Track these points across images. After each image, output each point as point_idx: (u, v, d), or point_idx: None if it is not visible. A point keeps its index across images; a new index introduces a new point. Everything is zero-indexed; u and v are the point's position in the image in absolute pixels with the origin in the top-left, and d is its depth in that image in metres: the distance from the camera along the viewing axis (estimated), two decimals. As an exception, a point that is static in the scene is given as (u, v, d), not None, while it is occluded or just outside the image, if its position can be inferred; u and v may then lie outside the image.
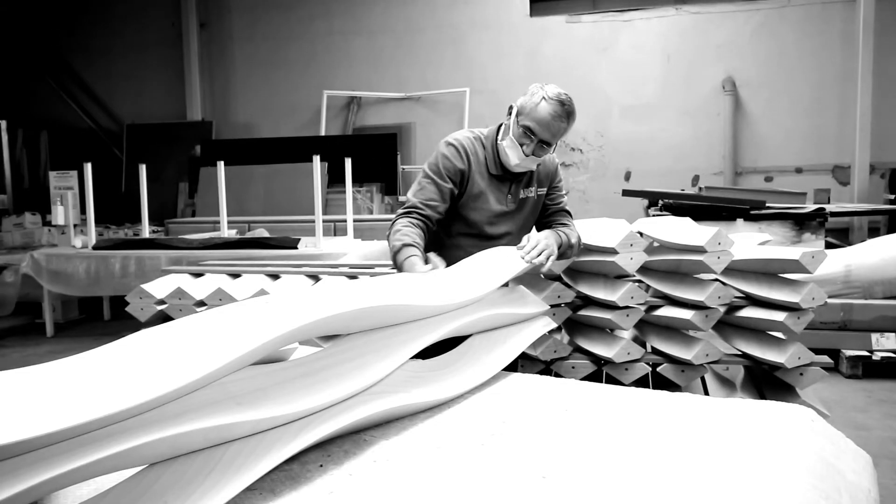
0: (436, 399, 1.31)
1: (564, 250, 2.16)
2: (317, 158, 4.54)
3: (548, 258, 1.96)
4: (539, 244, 1.97)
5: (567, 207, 2.33)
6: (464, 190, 2.09)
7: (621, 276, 2.60)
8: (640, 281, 2.63)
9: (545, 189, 2.26)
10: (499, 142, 2.09)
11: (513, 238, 2.15)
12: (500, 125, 2.14)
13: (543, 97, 1.98)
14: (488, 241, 2.11)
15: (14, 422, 0.72)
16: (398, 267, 1.86)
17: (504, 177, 2.13)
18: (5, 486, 0.71)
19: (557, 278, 2.60)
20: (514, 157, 2.04)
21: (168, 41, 9.39)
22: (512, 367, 1.68)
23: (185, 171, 8.50)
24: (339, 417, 1.09)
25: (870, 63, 7.22)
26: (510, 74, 8.21)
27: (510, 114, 2.07)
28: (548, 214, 2.29)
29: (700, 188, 6.73)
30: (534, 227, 2.31)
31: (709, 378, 2.86)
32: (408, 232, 1.93)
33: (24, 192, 9.00)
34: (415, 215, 2.01)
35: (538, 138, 2.00)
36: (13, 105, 9.70)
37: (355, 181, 6.18)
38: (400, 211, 2.06)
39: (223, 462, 0.92)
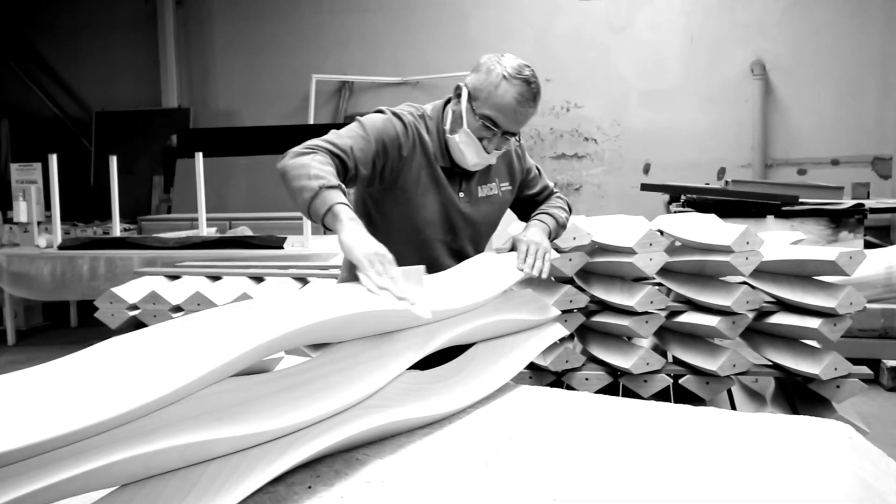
0: (435, 414, 1.31)
1: (556, 233, 1.99)
2: (305, 149, 4.53)
3: (547, 261, 1.80)
4: (538, 249, 1.78)
5: (554, 188, 2.10)
6: (394, 177, 1.75)
7: (640, 279, 2.60)
8: (660, 284, 2.63)
9: (513, 185, 1.96)
10: (448, 135, 1.78)
11: (458, 248, 1.87)
12: (445, 104, 1.84)
13: (503, 76, 1.69)
14: (424, 248, 1.81)
15: (-29, 439, 0.72)
16: (327, 210, 1.48)
17: (453, 170, 1.82)
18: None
19: (569, 281, 2.60)
20: (472, 155, 1.75)
21: (141, 20, 9.40)
22: (520, 379, 1.67)
23: (159, 163, 8.50)
24: (329, 434, 1.09)
25: (913, 44, 7.22)
26: (517, 56, 8.20)
27: (458, 96, 1.76)
28: (536, 207, 2.05)
29: (726, 182, 6.72)
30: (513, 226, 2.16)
31: (736, 391, 2.86)
32: (327, 171, 1.53)
33: (-17, 186, 9.02)
34: (342, 164, 1.62)
35: (502, 130, 1.72)
36: (-29, 91, 9.72)
37: (347, 174, 6.16)
38: (318, 142, 1.64)
39: (201, 483, 0.92)
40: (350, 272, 1.57)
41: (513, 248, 1.86)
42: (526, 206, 2.05)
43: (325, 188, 1.49)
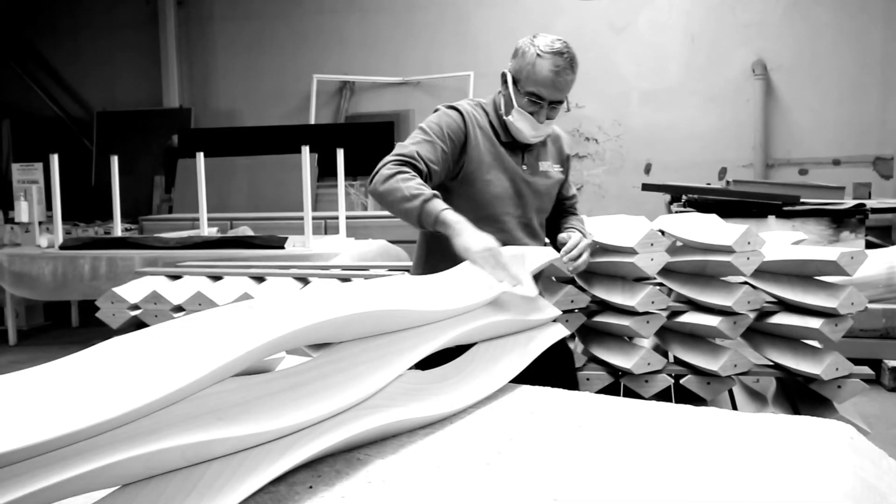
0: (437, 414, 1.31)
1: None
2: (305, 149, 4.54)
3: (580, 265, 1.98)
4: (582, 247, 1.97)
5: (576, 202, 2.33)
6: (462, 163, 1.99)
7: (641, 279, 2.60)
8: (661, 284, 2.63)
9: (563, 170, 2.20)
10: (504, 117, 2.02)
11: (527, 220, 2.08)
12: (498, 95, 2.08)
13: (537, 54, 1.91)
14: (496, 224, 1.98)
15: (-27, 438, 0.72)
16: (434, 221, 1.73)
17: (515, 144, 2.06)
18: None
19: (570, 281, 2.60)
20: (528, 128, 1.98)
21: (142, 21, 9.41)
22: (520, 379, 1.67)
23: (160, 163, 8.51)
24: (330, 434, 1.09)
25: (915, 44, 7.22)
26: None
27: (505, 83, 2.00)
28: (562, 211, 2.27)
29: (728, 182, 6.72)
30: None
31: (737, 391, 2.86)
32: (417, 185, 1.77)
33: (-16, 186, 9.03)
34: (415, 169, 1.85)
35: (548, 101, 1.95)
36: (-28, 91, 9.73)
37: (348, 174, 6.18)
38: (390, 159, 1.86)
39: (203, 483, 0.92)
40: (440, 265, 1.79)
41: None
42: (555, 205, 2.23)
43: (425, 202, 1.75)
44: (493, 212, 2.00)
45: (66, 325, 6.33)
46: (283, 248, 4.53)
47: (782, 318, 2.42)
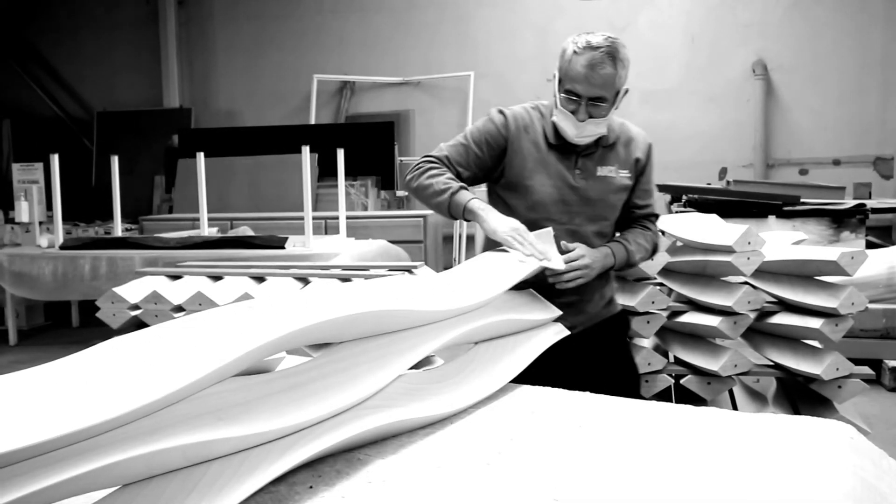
0: (437, 414, 1.31)
1: (619, 267, 2.06)
2: (306, 149, 4.54)
3: (579, 279, 1.89)
4: (583, 270, 1.88)
5: (656, 211, 2.19)
6: (503, 167, 2.00)
7: (641, 279, 2.60)
8: (661, 284, 2.63)
9: (631, 176, 2.08)
10: (552, 118, 1.99)
11: (575, 228, 1.99)
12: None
13: (574, 51, 1.89)
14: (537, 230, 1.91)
15: (-27, 438, 0.72)
16: (463, 210, 1.87)
17: (567, 147, 2.00)
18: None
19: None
20: (570, 127, 1.93)
21: (142, 20, 9.40)
22: (520, 379, 1.68)
23: (161, 163, 8.50)
24: (330, 434, 1.09)
25: (915, 44, 7.22)
26: (519, 56, 8.21)
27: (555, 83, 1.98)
28: (629, 220, 2.14)
29: (728, 182, 6.71)
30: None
31: (737, 391, 2.86)
32: (446, 180, 1.92)
33: (-15, 186, 9.03)
34: (436, 163, 1.98)
35: (584, 98, 1.89)
36: (-28, 91, 9.73)
37: (348, 174, 6.18)
38: (423, 158, 2.00)
39: (203, 483, 0.92)
40: (490, 247, 1.91)
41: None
42: (625, 212, 2.13)
43: (452, 195, 1.90)
44: (534, 217, 1.96)
45: (66, 325, 6.33)
46: (283, 248, 4.53)
47: (782, 318, 2.42)
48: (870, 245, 5.14)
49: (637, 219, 2.14)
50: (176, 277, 2.92)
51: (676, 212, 5.08)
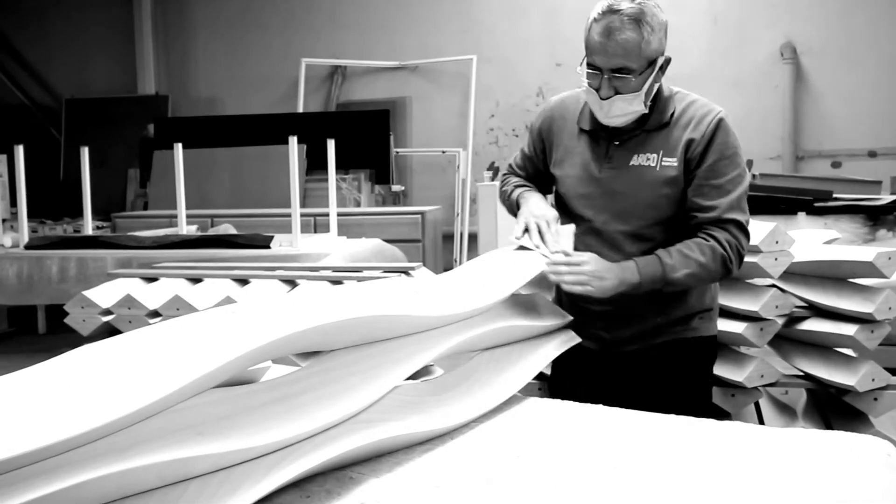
0: (436, 428, 1.31)
1: (649, 288, 1.78)
2: (293, 140, 4.54)
3: (578, 284, 1.73)
4: (583, 278, 1.71)
5: (733, 215, 1.80)
6: (550, 161, 2.04)
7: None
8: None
9: (679, 164, 1.82)
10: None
11: (598, 227, 1.87)
12: None
13: (594, 19, 1.81)
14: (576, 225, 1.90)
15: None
16: (517, 205, 2.01)
17: (600, 132, 1.89)
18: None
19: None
20: (596, 106, 1.82)
21: (115, -1, 9.41)
22: (528, 391, 1.68)
23: (135, 154, 8.50)
24: (320, 450, 1.09)
25: (958, 25, 7.22)
26: (525, 39, 8.20)
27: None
28: (690, 227, 1.83)
29: (754, 175, 6.71)
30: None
31: (764, 404, 2.86)
32: (513, 183, 2.11)
33: (-57, 180, 9.03)
34: (512, 172, 2.18)
35: (603, 70, 1.76)
36: (-72, 76, 9.73)
37: (340, 167, 6.18)
38: (503, 172, 2.24)
39: (181, 504, 0.92)
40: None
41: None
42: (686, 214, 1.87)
43: (510, 194, 2.07)
44: (565, 212, 1.95)
45: (31, 331, 6.33)
46: (268, 247, 4.53)
47: (813, 325, 2.42)
48: (908, 244, 5.14)
49: (700, 225, 1.81)
50: (151, 280, 2.92)
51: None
